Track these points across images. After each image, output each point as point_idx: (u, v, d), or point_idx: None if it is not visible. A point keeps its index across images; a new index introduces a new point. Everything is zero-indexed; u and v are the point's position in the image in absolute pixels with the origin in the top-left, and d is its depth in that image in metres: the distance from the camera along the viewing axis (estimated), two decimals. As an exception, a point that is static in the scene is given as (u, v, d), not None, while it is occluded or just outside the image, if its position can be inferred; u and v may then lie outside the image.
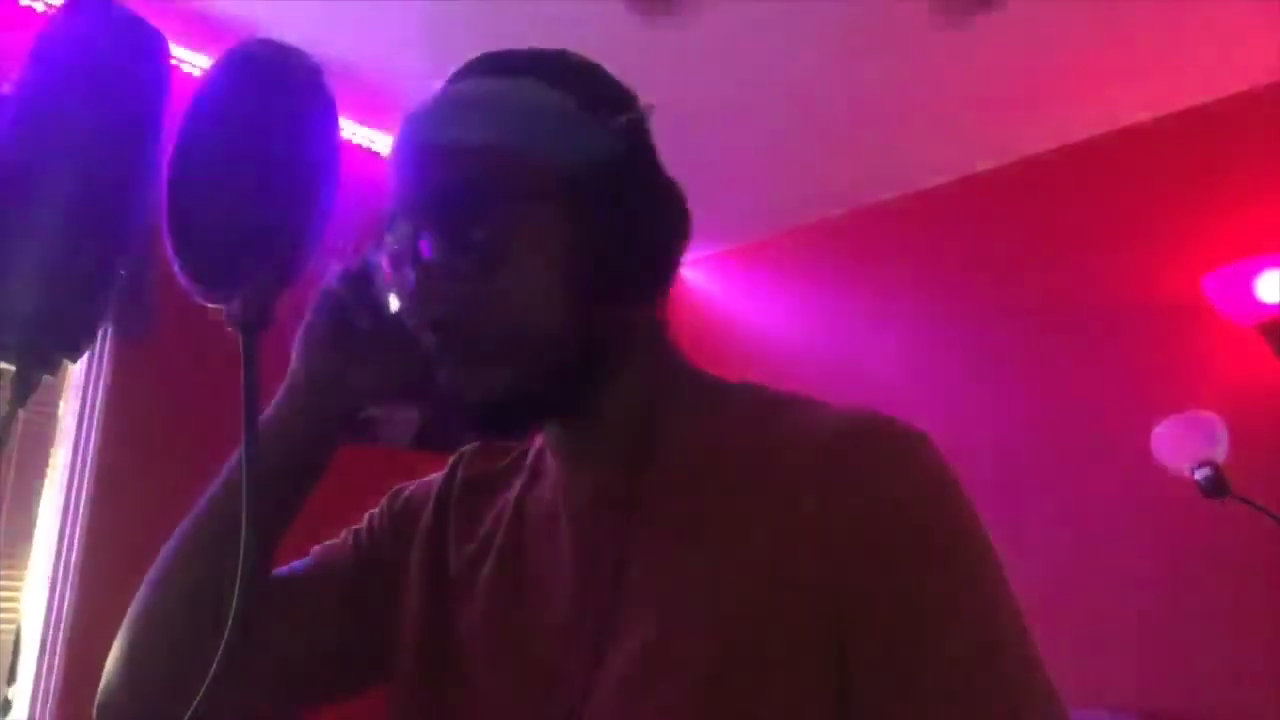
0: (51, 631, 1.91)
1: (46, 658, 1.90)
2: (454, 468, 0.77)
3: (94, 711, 0.67)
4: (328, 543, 0.76)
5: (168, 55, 0.50)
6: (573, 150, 0.61)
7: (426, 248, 0.60)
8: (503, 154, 0.60)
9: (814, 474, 0.56)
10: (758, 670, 0.54)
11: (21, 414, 0.46)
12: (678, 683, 0.54)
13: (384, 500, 0.78)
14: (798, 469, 0.57)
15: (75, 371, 2.03)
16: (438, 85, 0.66)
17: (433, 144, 0.61)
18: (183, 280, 0.50)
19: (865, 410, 0.60)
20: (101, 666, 0.67)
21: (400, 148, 0.63)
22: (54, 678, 1.89)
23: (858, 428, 0.58)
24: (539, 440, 0.73)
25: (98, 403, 2.03)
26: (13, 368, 0.45)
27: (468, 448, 0.79)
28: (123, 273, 0.48)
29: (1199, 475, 1.96)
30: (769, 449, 0.59)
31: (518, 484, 0.72)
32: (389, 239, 0.63)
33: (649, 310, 0.66)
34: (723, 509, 0.59)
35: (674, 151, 0.67)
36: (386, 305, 0.67)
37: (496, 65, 0.65)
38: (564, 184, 0.60)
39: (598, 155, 0.61)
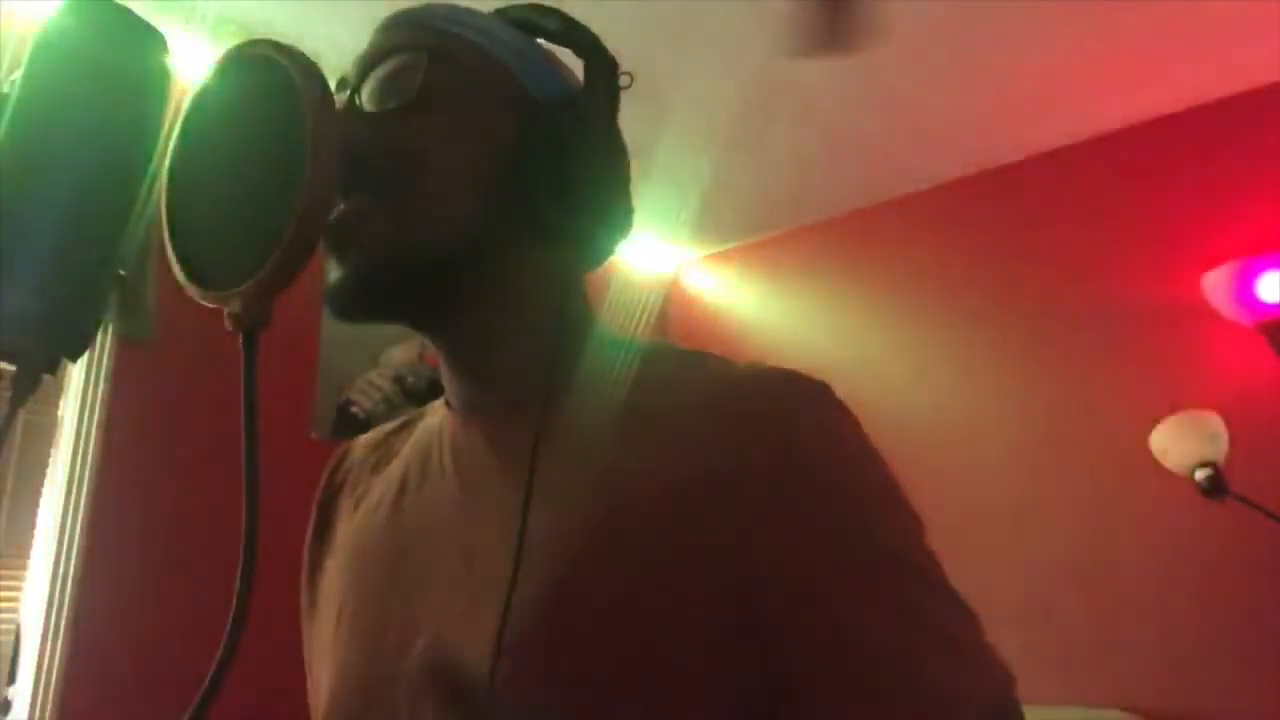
0: (51, 632, 1.91)
1: (46, 658, 1.89)
2: (333, 468, 0.77)
3: None
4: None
5: (168, 55, 0.50)
6: (531, 70, 0.65)
7: (365, 96, 0.62)
8: (466, 44, 0.64)
9: (719, 426, 0.57)
10: (656, 630, 0.53)
11: (21, 414, 0.46)
12: (577, 634, 0.54)
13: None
14: (702, 422, 0.57)
15: (75, 371, 2.03)
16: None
17: (403, 20, 0.65)
18: (183, 280, 0.50)
19: (771, 366, 0.61)
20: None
21: (376, 29, 0.66)
22: (54, 678, 1.88)
23: (763, 380, 0.60)
24: (419, 412, 0.75)
25: (98, 403, 2.03)
26: (13, 368, 0.45)
27: (338, 453, 0.78)
28: (122, 273, 0.48)
29: (1199, 475, 1.96)
30: (674, 402, 0.59)
31: (404, 449, 0.72)
32: (339, 94, 0.64)
33: (567, 261, 0.66)
34: (622, 460, 0.58)
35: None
36: None
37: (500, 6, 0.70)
38: (514, 98, 0.63)
39: (555, 86, 0.64)
